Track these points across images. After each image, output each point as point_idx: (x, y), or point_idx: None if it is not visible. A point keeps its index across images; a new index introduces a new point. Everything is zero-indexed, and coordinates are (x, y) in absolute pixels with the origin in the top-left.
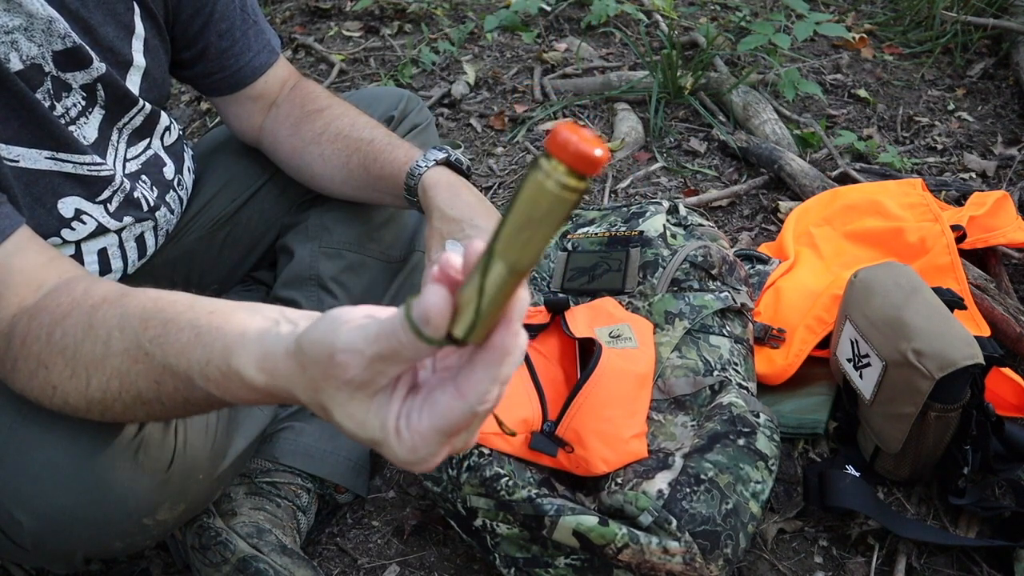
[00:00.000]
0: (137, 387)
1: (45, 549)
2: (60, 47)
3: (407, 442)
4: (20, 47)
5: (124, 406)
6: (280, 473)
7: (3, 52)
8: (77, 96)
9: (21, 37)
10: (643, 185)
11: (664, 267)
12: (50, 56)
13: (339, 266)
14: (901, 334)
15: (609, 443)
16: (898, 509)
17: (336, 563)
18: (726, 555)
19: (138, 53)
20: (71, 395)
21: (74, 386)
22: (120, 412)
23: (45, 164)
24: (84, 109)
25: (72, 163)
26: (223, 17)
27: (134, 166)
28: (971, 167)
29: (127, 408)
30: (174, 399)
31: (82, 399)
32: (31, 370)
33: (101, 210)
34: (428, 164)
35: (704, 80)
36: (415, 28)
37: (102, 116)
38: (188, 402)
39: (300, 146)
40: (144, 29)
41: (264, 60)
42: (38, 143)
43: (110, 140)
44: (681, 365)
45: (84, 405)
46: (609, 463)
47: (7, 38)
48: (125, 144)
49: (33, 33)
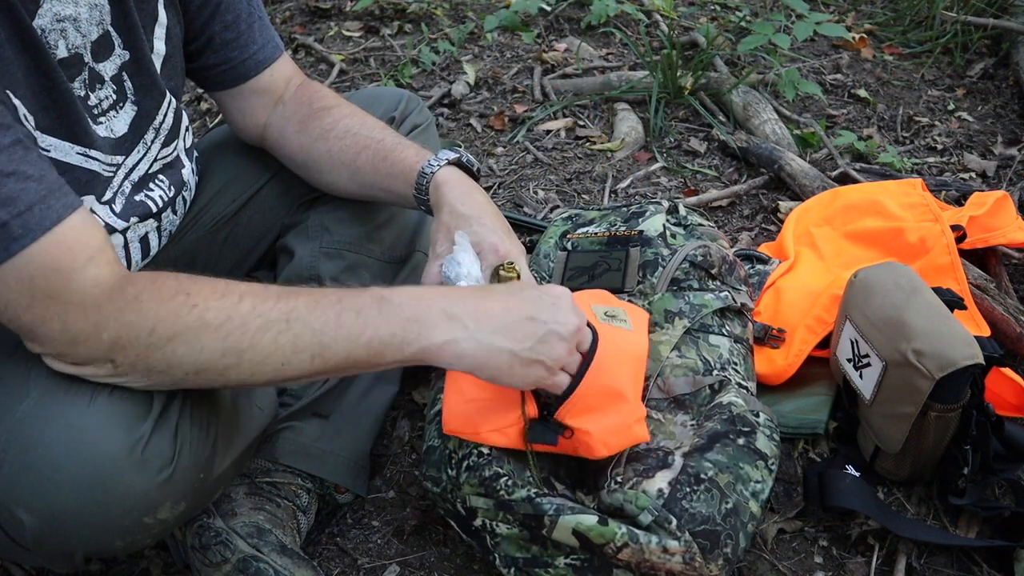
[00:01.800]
0: (292, 303)
1: (46, 548)
2: (96, 35)
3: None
4: (68, 36)
5: (264, 322)
6: (280, 473)
7: (53, 40)
8: (109, 89)
9: (70, 27)
10: (643, 185)
11: (664, 266)
12: (89, 46)
13: (339, 266)
14: (901, 334)
15: (610, 427)
16: (898, 509)
17: (336, 563)
18: (726, 555)
19: (160, 41)
20: (213, 310)
21: (222, 304)
22: (252, 333)
23: (76, 159)
24: (115, 103)
25: (99, 162)
26: (229, 8)
27: (157, 166)
28: (971, 167)
29: (263, 327)
30: (324, 317)
31: (224, 313)
32: (166, 296)
33: (107, 210)
34: (440, 163)
35: (704, 80)
36: (415, 28)
37: (134, 112)
38: (337, 323)
39: (307, 143)
40: (167, 17)
41: (269, 54)
42: (72, 137)
43: (143, 139)
44: (681, 364)
45: (223, 318)
46: (611, 447)
47: (58, 26)
48: (159, 145)
49: (80, 23)
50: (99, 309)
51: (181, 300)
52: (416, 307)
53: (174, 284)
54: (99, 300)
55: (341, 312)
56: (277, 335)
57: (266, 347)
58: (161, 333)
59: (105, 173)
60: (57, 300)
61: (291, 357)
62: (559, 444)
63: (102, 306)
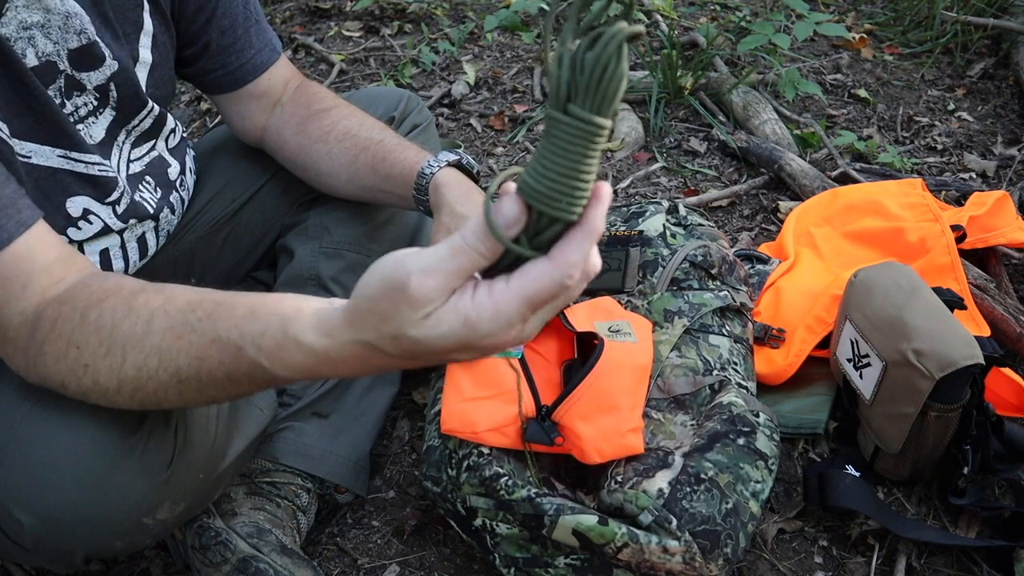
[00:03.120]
0: (177, 364)
1: (45, 548)
2: (75, 44)
3: (487, 308)
4: (37, 43)
5: (157, 385)
6: (280, 473)
7: (21, 48)
8: (89, 96)
9: (38, 34)
10: (643, 185)
11: (664, 266)
12: (65, 54)
13: (339, 266)
14: (901, 334)
15: (604, 434)
16: (898, 509)
17: (336, 563)
18: (726, 555)
19: (145, 49)
20: (103, 374)
21: (108, 364)
22: (151, 392)
23: (57, 162)
24: (95, 110)
25: (84, 163)
26: (225, 14)
27: (138, 167)
28: (971, 167)
29: (160, 387)
30: (215, 375)
31: (114, 378)
32: (60, 351)
33: (109, 211)
34: (440, 164)
35: (704, 80)
36: (415, 28)
37: (112, 118)
38: (230, 378)
39: (306, 144)
40: (152, 25)
41: (266, 58)
42: (51, 141)
43: (116, 141)
44: (681, 364)
45: (115, 384)
46: (603, 453)
47: (25, 34)
48: (130, 146)
49: (50, 30)
50: (24, 352)
51: (73, 357)
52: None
53: (68, 331)
54: (22, 341)
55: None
56: (180, 390)
57: (176, 400)
58: (72, 390)
59: (104, 174)
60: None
61: (216, 397)
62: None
63: (25, 349)
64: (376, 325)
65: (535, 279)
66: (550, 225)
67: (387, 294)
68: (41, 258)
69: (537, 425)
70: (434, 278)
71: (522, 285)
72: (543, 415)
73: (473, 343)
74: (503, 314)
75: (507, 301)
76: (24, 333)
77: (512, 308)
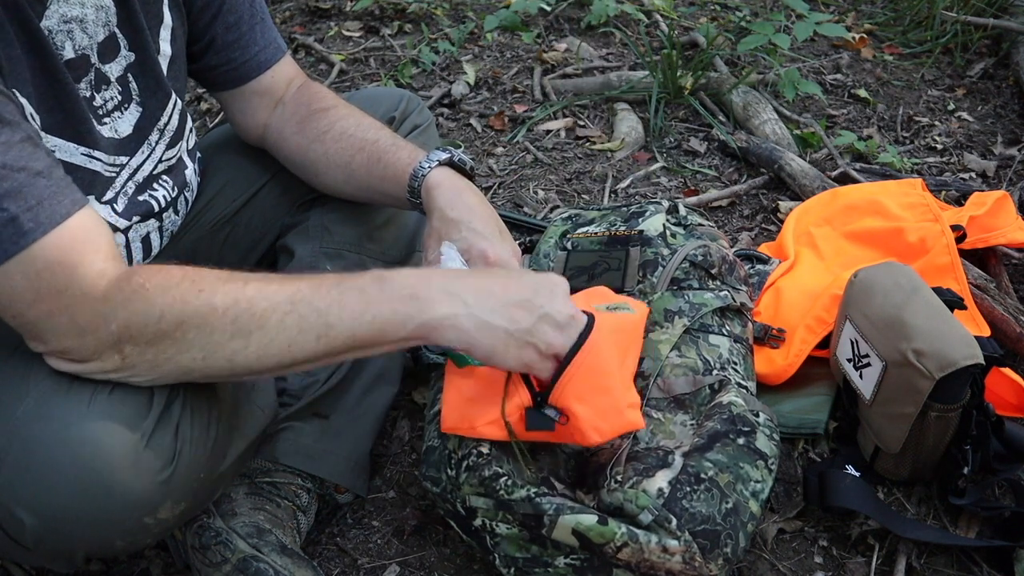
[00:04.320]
0: (296, 286)
1: (46, 548)
2: (102, 36)
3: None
4: (75, 37)
5: (269, 304)
6: (280, 473)
7: (60, 41)
8: (114, 90)
9: (76, 28)
10: (643, 185)
11: (664, 266)
12: (96, 47)
13: (339, 266)
14: (901, 334)
15: (602, 412)
16: (898, 509)
17: (336, 563)
18: (725, 554)
19: (165, 42)
20: (219, 295)
21: (227, 288)
22: (259, 315)
23: (80, 160)
24: (120, 104)
25: (101, 163)
26: (231, 10)
27: (163, 167)
28: (971, 167)
29: (269, 309)
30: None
31: (230, 296)
32: (172, 283)
33: (108, 210)
34: (432, 165)
35: (704, 80)
36: (415, 28)
37: (139, 113)
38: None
39: (304, 144)
40: (171, 18)
41: (270, 56)
42: (76, 138)
43: (147, 139)
44: (681, 364)
45: (229, 302)
46: (602, 432)
47: (65, 27)
48: (164, 146)
49: (86, 24)
50: (106, 300)
51: (187, 286)
52: (416, 285)
53: (179, 272)
54: (106, 291)
55: (344, 292)
56: (284, 316)
57: (272, 328)
58: (170, 319)
59: (106, 173)
60: (64, 294)
61: (297, 337)
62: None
63: (109, 297)
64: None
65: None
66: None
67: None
68: (105, 229)
69: (535, 413)
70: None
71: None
72: (539, 401)
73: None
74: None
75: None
76: (109, 285)
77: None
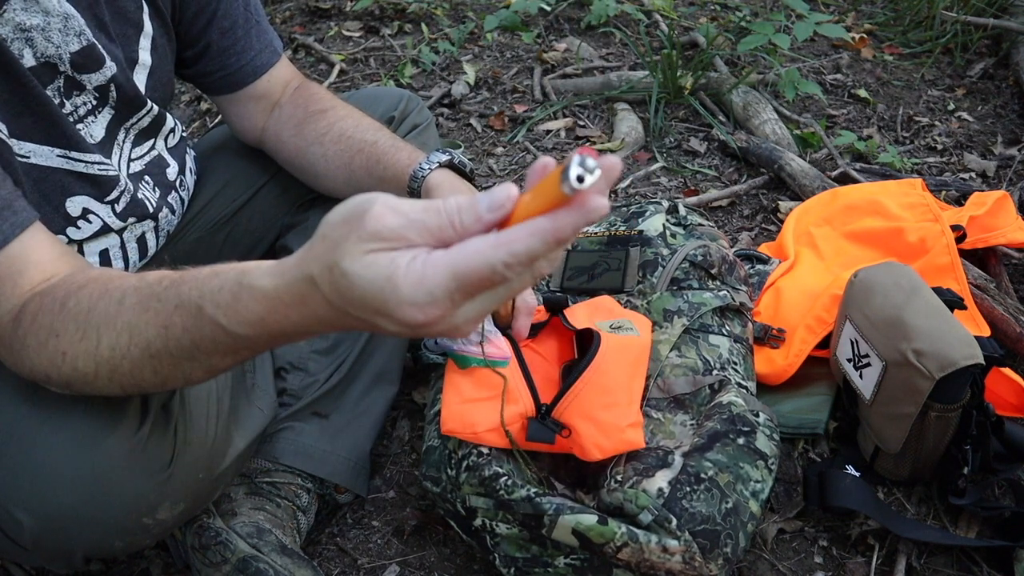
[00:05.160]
0: (146, 337)
1: (45, 548)
2: (76, 47)
3: (415, 272)
4: (35, 44)
5: (132, 363)
6: (280, 473)
7: (17, 48)
8: (89, 96)
9: (38, 36)
10: (643, 185)
11: (664, 266)
12: (67, 57)
13: None
14: (901, 334)
15: (604, 430)
16: (898, 509)
17: (336, 563)
18: (725, 554)
19: (145, 51)
20: (80, 358)
21: (84, 348)
22: (128, 372)
23: (57, 162)
24: (93, 108)
25: (84, 163)
26: (226, 15)
27: (138, 166)
28: (971, 167)
29: (135, 365)
30: (181, 344)
31: (91, 361)
32: (41, 341)
33: (108, 210)
34: (432, 166)
35: (704, 80)
36: (415, 28)
37: (111, 116)
38: (195, 345)
39: (303, 146)
40: (152, 28)
41: (266, 60)
42: (50, 140)
43: (116, 140)
44: (680, 364)
45: (93, 368)
46: (603, 449)
47: (23, 35)
48: (131, 144)
49: (51, 33)
50: (9, 349)
51: (53, 347)
52: (256, 341)
53: (48, 322)
54: (6, 337)
55: (194, 345)
56: (155, 367)
57: (153, 379)
58: (56, 381)
59: (104, 173)
60: None
61: (192, 373)
62: (556, 443)
63: (10, 343)
64: (322, 254)
65: (469, 256)
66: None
67: (346, 219)
68: (35, 258)
69: (538, 424)
70: (395, 217)
71: (453, 258)
72: (543, 413)
73: (391, 307)
74: (427, 282)
75: (435, 269)
76: (8, 329)
77: (438, 279)
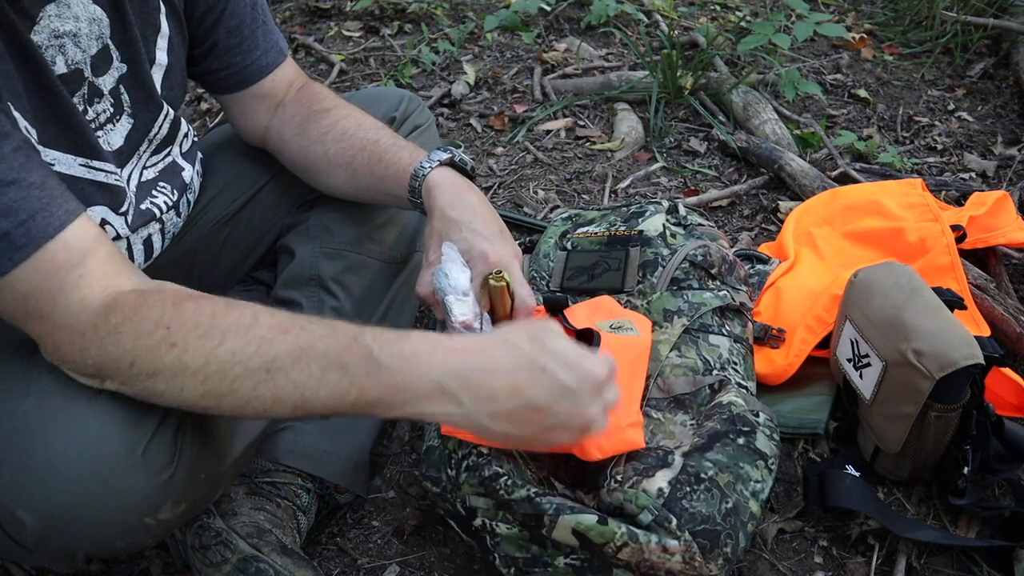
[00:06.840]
0: (275, 352)
1: (47, 548)
2: (95, 49)
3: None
4: (67, 51)
5: (243, 371)
6: (280, 473)
7: (51, 56)
8: (106, 103)
9: (69, 42)
10: (643, 185)
11: (664, 266)
12: (90, 60)
13: (340, 266)
14: (901, 334)
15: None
16: (898, 509)
17: (336, 563)
18: (725, 554)
19: (162, 52)
20: (191, 352)
21: (201, 344)
22: (231, 379)
23: (79, 171)
24: (112, 116)
25: (103, 172)
26: (233, 14)
27: (151, 173)
28: (971, 167)
29: (245, 374)
30: (310, 367)
31: (202, 357)
32: (145, 331)
33: (122, 221)
34: (432, 165)
35: (704, 80)
36: (415, 28)
37: (130, 125)
38: (327, 363)
39: (305, 145)
40: (168, 27)
41: (271, 60)
42: (74, 149)
43: (138, 151)
44: (680, 364)
45: (201, 363)
46: (603, 449)
47: (56, 42)
48: (150, 154)
49: (79, 39)
50: (83, 335)
51: (160, 336)
52: (408, 374)
53: (156, 315)
54: (83, 326)
55: (327, 368)
56: (257, 384)
57: (246, 395)
58: (140, 369)
59: (118, 184)
60: (47, 320)
61: (272, 406)
62: None
63: (86, 333)
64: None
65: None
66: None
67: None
68: (91, 247)
69: None
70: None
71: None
72: None
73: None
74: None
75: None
76: (87, 320)
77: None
